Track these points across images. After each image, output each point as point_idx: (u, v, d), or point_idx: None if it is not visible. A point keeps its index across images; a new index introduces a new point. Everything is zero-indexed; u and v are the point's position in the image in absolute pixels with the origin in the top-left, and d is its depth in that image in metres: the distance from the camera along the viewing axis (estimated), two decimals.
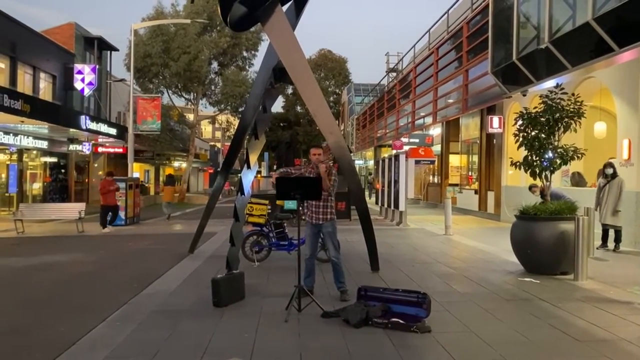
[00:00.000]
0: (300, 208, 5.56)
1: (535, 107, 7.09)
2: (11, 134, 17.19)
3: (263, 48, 28.43)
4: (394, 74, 31.80)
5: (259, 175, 23.07)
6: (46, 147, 20.07)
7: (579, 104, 6.83)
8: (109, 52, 26.28)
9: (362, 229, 6.92)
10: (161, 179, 37.59)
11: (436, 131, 22.53)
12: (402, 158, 13.03)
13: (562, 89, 7.01)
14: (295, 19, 7.40)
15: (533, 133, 6.89)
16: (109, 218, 12.82)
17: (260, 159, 32.56)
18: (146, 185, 30.92)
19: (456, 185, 19.59)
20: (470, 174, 18.47)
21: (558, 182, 10.90)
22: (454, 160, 20.51)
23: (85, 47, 24.25)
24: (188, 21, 23.50)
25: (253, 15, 6.77)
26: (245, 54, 28.60)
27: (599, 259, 7.85)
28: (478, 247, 9.39)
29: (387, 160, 14.85)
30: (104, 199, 12.80)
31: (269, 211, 8.17)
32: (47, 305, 5.66)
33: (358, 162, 38.61)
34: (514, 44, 10.89)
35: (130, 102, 19.74)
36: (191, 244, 8.71)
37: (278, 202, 10.76)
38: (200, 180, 52.75)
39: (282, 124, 45.97)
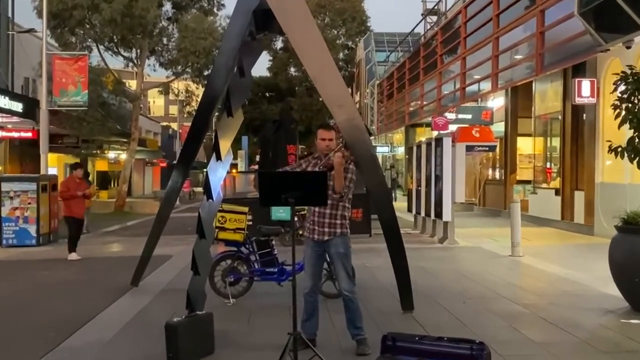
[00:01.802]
0: (297, 219, 5.56)
1: None
2: None
3: None
4: (434, 19, 31.72)
5: (234, 171, 23.09)
6: None
7: None
8: None
9: (388, 248, 6.90)
10: (91, 177, 37.61)
11: (497, 102, 22.43)
12: (447, 143, 13.00)
13: None
14: None
15: None
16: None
17: (236, 145, 32.59)
18: None
19: (528, 182, 19.53)
20: (548, 165, 18.40)
21: None
22: (524, 145, 20.43)
23: None
24: None
25: None
26: None
27: None
28: (561, 273, 9.37)
29: (424, 147, 14.82)
30: (66, 207, 12.13)
31: (250, 223, 8.14)
32: None
33: (381, 150, 38.62)
34: None
35: (43, 64, 19.77)
36: (135, 272, 8.72)
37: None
38: (147, 179, 52.96)
39: (268, 94, 45.97)
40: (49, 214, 14.93)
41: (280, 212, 11.67)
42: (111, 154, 39.13)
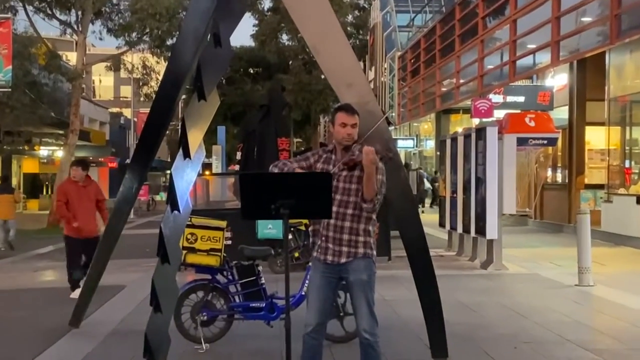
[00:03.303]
0: (292, 236, 5.55)
1: None
2: None
3: None
4: None
5: (207, 172, 23.08)
6: None
7: None
8: None
9: (414, 276, 6.90)
10: (16, 181, 37.50)
11: (559, 81, 22.39)
12: (492, 134, 13.00)
13: None
14: None
15: None
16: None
17: (211, 139, 32.55)
18: None
19: (600, 187, 19.48)
20: (627, 164, 18.35)
21: None
22: (595, 137, 20.40)
23: None
24: None
25: None
26: None
27: None
28: None
29: (460, 140, 14.80)
30: (67, 224, 10.92)
31: (229, 242, 8.13)
32: None
33: (404, 145, 38.60)
34: None
35: None
36: (75, 308, 8.72)
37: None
38: None
39: (252, 70, 45.92)
40: None
41: (269, 228, 11.64)
42: (43, 151, 39.14)
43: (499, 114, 22.32)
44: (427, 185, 31.39)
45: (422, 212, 29.11)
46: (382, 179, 5.33)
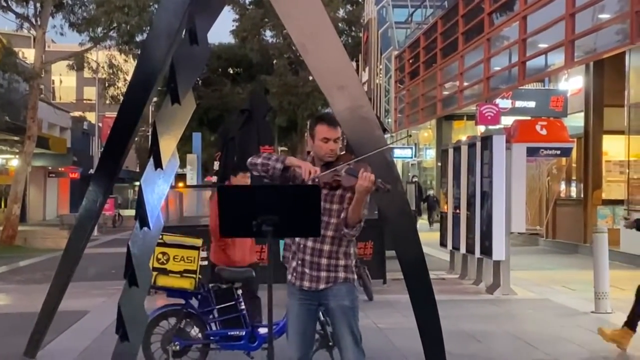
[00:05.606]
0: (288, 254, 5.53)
1: None
2: None
3: None
4: None
5: (181, 184, 23.06)
6: None
7: None
8: None
9: (412, 301, 6.89)
10: None
11: (574, 84, 22.44)
12: (499, 143, 13.03)
13: None
14: None
15: None
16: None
17: (185, 146, 32.51)
18: None
19: (619, 203, 19.51)
20: None
21: None
22: (614, 147, 20.44)
23: None
24: None
25: None
26: None
27: None
28: None
29: (464, 150, 14.82)
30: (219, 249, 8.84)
31: (205, 262, 8.11)
32: None
33: (401, 156, 38.58)
34: None
35: None
36: (31, 337, 8.68)
37: None
38: (50, 197, 52.75)
39: (232, 70, 45.99)
40: None
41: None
42: None
43: (507, 120, 22.36)
44: None
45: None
46: (367, 199, 5.31)
